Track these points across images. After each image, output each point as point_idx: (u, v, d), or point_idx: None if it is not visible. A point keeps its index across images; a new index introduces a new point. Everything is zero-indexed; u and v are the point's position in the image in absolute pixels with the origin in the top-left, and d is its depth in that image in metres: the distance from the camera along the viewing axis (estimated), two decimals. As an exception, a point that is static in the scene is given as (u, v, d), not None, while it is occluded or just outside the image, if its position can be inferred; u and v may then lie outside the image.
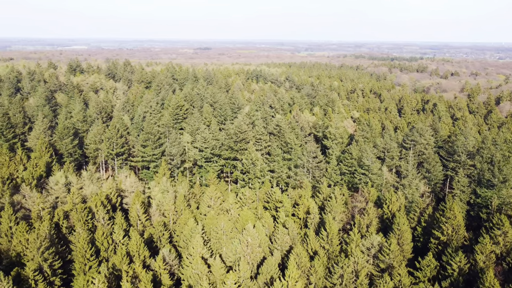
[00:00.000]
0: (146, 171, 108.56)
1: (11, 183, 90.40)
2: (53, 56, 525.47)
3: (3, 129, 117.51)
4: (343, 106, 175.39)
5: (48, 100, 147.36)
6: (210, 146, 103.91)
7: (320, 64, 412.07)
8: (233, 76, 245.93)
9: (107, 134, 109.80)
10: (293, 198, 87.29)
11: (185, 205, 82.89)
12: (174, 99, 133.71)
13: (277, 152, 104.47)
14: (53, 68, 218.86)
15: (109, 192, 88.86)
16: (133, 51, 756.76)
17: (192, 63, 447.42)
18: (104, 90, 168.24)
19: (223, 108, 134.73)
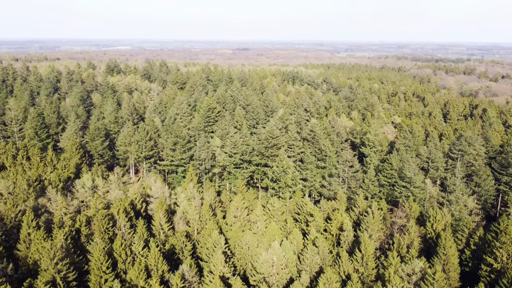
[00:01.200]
0: (174, 175, 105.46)
1: (39, 185, 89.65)
2: (97, 56, 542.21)
3: (37, 129, 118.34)
4: (383, 110, 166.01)
5: (83, 101, 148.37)
6: (240, 152, 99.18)
7: (360, 66, 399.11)
8: (269, 77, 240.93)
9: (136, 136, 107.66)
10: (326, 211, 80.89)
11: (210, 215, 78.51)
12: (205, 101, 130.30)
13: (310, 159, 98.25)
14: (92, 68, 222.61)
15: (134, 198, 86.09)
16: (174, 52, 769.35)
17: (230, 63, 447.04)
18: (139, 91, 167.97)
19: (255, 111, 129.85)
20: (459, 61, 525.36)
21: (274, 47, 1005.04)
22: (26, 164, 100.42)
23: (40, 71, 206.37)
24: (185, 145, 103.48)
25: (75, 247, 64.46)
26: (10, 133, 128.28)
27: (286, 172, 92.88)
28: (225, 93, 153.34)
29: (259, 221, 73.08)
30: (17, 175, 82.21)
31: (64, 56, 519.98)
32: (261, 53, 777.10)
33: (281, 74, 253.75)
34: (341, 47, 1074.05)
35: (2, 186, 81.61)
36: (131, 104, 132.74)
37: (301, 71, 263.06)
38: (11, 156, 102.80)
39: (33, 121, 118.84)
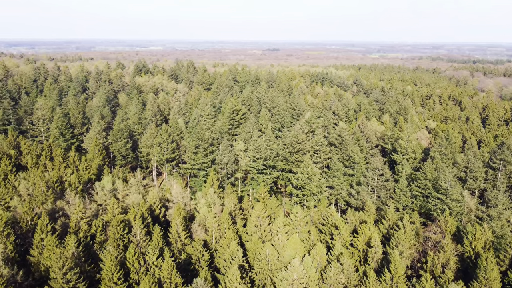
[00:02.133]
0: (196, 179, 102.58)
1: (59, 187, 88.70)
2: (129, 57, 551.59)
3: (62, 129, 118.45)
4: (417, 114, 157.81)
5: (109, 101, 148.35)
6: (263, 157, 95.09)
7: (392, 67, 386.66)
8: (297, 78, 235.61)
9: (158, 138, 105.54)
10: (353, 223, 75.58)
11: (229, 223, 74.85)
12: (230, 103, 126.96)
13: (337, 166, 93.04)
14: (121, 69, 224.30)
15: (153, 202, 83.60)
16: (204, 52, 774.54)
17: (259, 64, 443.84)
18: (165, 91, 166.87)
19: (281, 114, 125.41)
20: (498, 63, 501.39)
21: (305, 48, 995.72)
22: (49, 165, 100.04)
23: (70, 71, 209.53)
24: (207, 148, 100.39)
25: (88, 255, 62.25)
26: (38, 132, 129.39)
27: (311, 179, 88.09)
28: (251, 95, 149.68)
29: (280, 233, 68.71)
30: (36, 177, 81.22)
31: (97, 56, 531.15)
32: (291, 53, 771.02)
33: (310, 75, 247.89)
34: (373, 48, 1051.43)
35: (22, 187, 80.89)
36: (155, 105, 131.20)
37: (331, 72, 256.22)
38: (35, 156, 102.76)
39: (58, 121, 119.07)
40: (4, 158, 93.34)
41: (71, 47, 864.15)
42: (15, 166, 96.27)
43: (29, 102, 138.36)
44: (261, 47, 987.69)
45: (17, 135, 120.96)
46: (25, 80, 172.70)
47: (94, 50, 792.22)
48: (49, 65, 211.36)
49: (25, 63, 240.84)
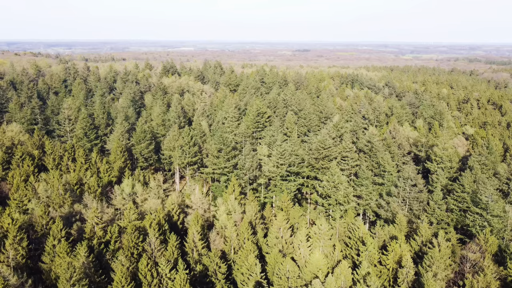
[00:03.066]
0: (217, 184, 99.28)
1: (78, 189, 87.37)
2: (160, 57, 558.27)
3: (87, 130, 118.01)
4: (453, 118, 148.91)
5: (134, 102, 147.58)
6: (287, 163, 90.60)
7: (426, 68, 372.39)
8: (326, 80, 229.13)
9: (180, 141, 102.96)
10: (382, 238, 70.00)
11: (249, 233, 70.91)
12: (255, 105, 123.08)
13: (366, 174, 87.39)
14: (149, 69, 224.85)
15: (171, 208, 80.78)
16: (234, 53, 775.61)
17: (288, 65, 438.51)
18: (190, 92, 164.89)
19: (308, 117, 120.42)
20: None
21: (335, 49, 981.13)
22: (72, 166, 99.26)
23: (100, 71, 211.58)
24: (230, 152, 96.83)
25: (99, 264, 59.77)
26: (63, 132, 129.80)
27: (337, 188, 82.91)
28: (277, 97, 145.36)
29: (302, 247, 64.16)
30: (54, 179, 79.98)
31: (130, 56, 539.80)
32: (321, 54, 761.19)
33: (340, 77, 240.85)
34: (406, 49, 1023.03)
35: (42, 190, 79.79)
36: (179, 106, 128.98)
37: (362, 74, 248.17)
38: (58, 157, 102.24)
39: (82, 122, 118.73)
40: (27, 159, 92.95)
41: (105, 48, 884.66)
42: (37, 167, 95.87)
43: (56, 102, 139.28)
44: (291, 48, 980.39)
45: (43, 135, 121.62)
46: (54, 80, 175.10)
47: (127, 50, 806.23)
48: (79, 65, 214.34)
49: (57, 63, 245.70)
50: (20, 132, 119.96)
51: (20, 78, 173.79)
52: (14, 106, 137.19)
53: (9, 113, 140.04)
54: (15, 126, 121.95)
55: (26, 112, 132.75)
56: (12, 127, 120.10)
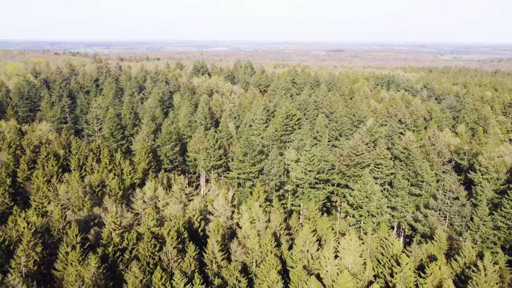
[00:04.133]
0: (242, 189, 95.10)
1: (100, 192, 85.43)
2: (193, 57, 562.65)
3: (113, 130, 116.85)
4: (498, 124, 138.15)
5: (162, 102, 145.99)
6: (316, 169, 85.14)
7: (467, 70, 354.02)
8: (360, 81, 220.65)
9: (205, 143, 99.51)
10: (418, 257, 63.44)
11: (272, 245, 66.12)
12: (284, 107, 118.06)
13: (402, 184, 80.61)
14: (179, 69, 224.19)
15: (192, 215, 77.19)
16: (267, 53, 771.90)
17: (321, 65, 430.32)
18: (219, 93, 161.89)
19: (339, 121, 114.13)
20: None
21: (371, 49, 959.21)
22: (96, 167, 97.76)
23: (132, 71, 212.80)
24: (255, 156, 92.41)
25: (112, 275, 56.71)
26: (92, 132, 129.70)
27: (370, 198, 76.71)
28: (308, 98, 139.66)
29: (330, 264, 58.75)
30: (74, 180, 78.15)
31: (164, 56, 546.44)
32: (356, 54, 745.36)
33: (375, 78, 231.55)
34: (445, 49, 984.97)
35: (62, 191, 78.19)
36: (206, 107, 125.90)
37: (398, 75, 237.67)
38: (83, 157, 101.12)
39: (109, 121, 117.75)
40: (52, 159, 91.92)
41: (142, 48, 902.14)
42: (62, 167, 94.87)
43: (85, 101, 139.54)
44: (325, 48, 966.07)
45: (70, 134, 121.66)
46: (86, 79, 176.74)
47: (163, 50, 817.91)
48: (112, 65, 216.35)
49: (92, 62, 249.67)
50: (50, 131, 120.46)
51: (53, 77, 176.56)
52: (45, 105, 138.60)
53: (41, 111, 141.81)
54: (45, 125, 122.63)
55: (56, 111, 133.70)
56: (42, 126, 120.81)
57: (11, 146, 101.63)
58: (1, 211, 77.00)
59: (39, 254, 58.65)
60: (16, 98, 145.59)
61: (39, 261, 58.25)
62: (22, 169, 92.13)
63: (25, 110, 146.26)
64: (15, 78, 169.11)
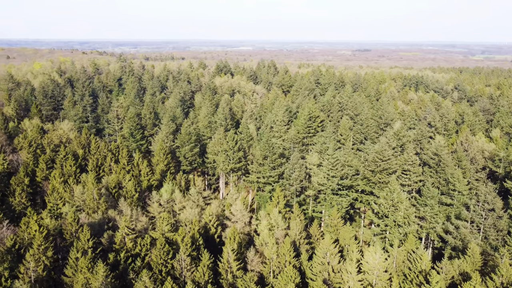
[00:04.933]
0: (261, 193, 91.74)
1: (116, 193, 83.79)
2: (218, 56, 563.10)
3: (133, 130, 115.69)
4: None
5: (183, 102, 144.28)
6: (339, 175, 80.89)
7: (501, 70, 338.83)
8: (387, 81, 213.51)
9: (224, 145, 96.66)
10: (450, 274, 58.54)
11: (291, 255, 62.53)
12: (307, 108, 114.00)
13: (431, 192, 75.44)
14: (202, 68, 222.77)
15: (208, 220, 74.36)
16: (292, 52, 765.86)
17: (346, 65, 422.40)
18: (241, 93, 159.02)
19: (365, 123, 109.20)
20: None
21: (398, 48, 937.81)
22: (114, 168, 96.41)
23: (155, 70, 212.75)
24: (276, 160, 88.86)
25: (123, 282, 54.38)
26: (112, 131, 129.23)
27: (397, 208, 72.02)
28: (332, 99, 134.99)
29: (352, 279, 54.69)
30: (89, 182, 76.57)
31: (189, 55, 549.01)
32: (382, 54, 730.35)
33: (403, 78, 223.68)
34: (476, 49, 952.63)
35: (78, 192, 76.81)
36: (227, 108, 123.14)
37: (427, 76, 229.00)
38: (102, 157, 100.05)
39: (129, 121, 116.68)
40: (70, 159, 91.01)
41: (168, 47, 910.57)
42: (80, 167, 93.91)
43: (107, 100, 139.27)
44: (351, 48, 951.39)
45: (90, 134, 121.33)
46: (109, 78, 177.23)
47: (188, 50, 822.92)
48: (135, 64, 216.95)
49: (116, 61, 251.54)
50: (71, 130, 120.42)
51: (77, 75, 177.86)
52: (68, 104, 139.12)
53: (64, 110, 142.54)
54: (66, 124, 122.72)
55: (78, 109, 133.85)
56: (63, 125, 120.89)
57: (32, 145, 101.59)
58: (18, 211, 76.22)
59: (49, 259, 57.00)
60: (41, 97, 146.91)
61: (49, 266, 56.59)
62: (41, 169, 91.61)
63: (49, 109, 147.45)
64: (41, 77, 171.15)
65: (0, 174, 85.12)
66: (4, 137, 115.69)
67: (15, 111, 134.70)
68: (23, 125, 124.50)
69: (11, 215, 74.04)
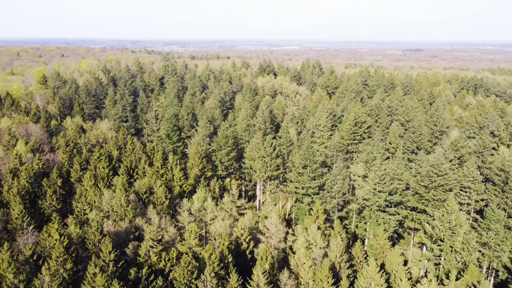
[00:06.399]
0: (300, 205, 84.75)
1: (147, 199, 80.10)
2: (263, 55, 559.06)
3: (170, 131, 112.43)
4: None
5: (223, 103, 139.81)
6: (387, 190, 72.29)
7: None
8: (442, 84, 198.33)
9: (261, 151, 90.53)
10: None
11: (330, 282, 55.33)
12: (353, 112, 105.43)
13: (497, 215, 65.26)
14: (245, 68, 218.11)
15: (241, 234, 68.54)
16: (339, 52, 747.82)
17: (396, 66, 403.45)
18: (283, 94, 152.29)
19: (417, 131, 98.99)
20: None
21: (452, 48, 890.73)
22: (148, 170, 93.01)
23: (198, 69, 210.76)
24: (316, 170, 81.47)
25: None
26: (150, 131, 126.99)
27: (454, 232, 62.63)
28: (381, 103, 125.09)
29: (400, 319, 46.71)
30: (117, 187, 73.08)
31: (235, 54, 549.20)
32: (435, 54, 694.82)
33: (459, 81, 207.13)
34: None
35: (107, 198, 73.64)
36: (267, 110, 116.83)
37: (486, 78, 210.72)
38: (136, 159, 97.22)
39: (166, 122, 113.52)
40: (103, 160, 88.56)
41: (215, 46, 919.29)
42: (114, 170, 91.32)
43: (146, 99, 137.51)
44: (401, 47, 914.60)
45: (130, 134, 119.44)
46: (152, 78, 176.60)
47: (235, 49, 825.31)
48: (179, 63, 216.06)
49: (161, 60, 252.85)
50: (110, 129, 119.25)
51: (120, 74, 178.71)
52: (109, 103, 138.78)
53: (105, 109, 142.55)
54: (106, 123, 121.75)
55: (118, 109, 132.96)
56: (102, 124, 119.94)
57: (69, 144, 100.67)
58: (47, 214, 74.18)
59: (68, 271, 53.50)
60: (84, 95, 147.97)
61: (67, 279, 53.05)
62: (75, 170, 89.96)
63: (91, 107, 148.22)
64: (86, 75, 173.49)
65: (35, 174, 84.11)
66: (46, 135, 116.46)
67: (58, 109, 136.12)
68: (65, 123, 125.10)
69: (40, 219, 72.12)
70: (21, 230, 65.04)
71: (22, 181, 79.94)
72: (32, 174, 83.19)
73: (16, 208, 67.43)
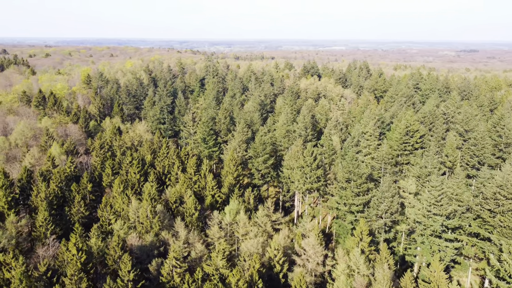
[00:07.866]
0: (341, 222, 76.66)
1: (176, 209, 75.37)
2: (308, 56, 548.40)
3: (206, 135, 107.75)
4: None
5: (263, 106, 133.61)
6: (444, 213, 62.77)
7: None
8: (504, 88, 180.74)
9: (300, 161, 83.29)
10: None
11: (374, 322, 47.42)
12: (404, 120, 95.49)
13: None
14: (288, 69, 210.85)
15: (273, 255, 61.89)
16: (387, 53, 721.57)
17: (450, 67, 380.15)
18: (327, 98, 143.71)
19: (479, 143, 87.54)
20: None
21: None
22: (181, 177, 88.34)
23: (240, 70, 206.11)
24: (361, 184, 73.08)
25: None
26: (187, 134, 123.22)
27: (527, 268, 52.46)
28: (436, 109, 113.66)
29: None
30: (144, 197, 68.66)
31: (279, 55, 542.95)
32: (493, 55, 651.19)
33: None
34: None
35: (134, 207, 69.44)
36: (309, 115, 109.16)
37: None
38: (169, 164, 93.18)
39: (203, 125, 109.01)
40: (135, 165, 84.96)
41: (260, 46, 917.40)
42: (145, 175, 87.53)
43: (184, 101, 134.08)
44: (454, 48, 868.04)
45: (166, 136, 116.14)
46: (192, 78, 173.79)
47: (280, 49, 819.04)
48: (221, 64, 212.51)
49: (204, 60, 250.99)
50: (147, 131, 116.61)
51: (162, 75, 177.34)
52: (147, 103, 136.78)
53: (144, 110, 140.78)
54: (143, 125, 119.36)
55: (156, 110, 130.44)
56: (139, 126, 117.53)
57: (103, 146, 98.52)
58: (73, 221, 71.07)
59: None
60: (124, 95, 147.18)
61: (82, 300, 48.77)
62: (107, 174, 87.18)
63: (131, 108, 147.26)
64: (129, 75, 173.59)
65: (66, 178, 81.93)
66: (84, 135, 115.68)
67: (98, 109, 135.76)
68: (104, 124, 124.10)
69: (66, 226, 69.14)
70: (44, 239, 62.15)
71: (51, 185, 77.80)
72: (63, 177, 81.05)
73: (40, 215, 64.76)
